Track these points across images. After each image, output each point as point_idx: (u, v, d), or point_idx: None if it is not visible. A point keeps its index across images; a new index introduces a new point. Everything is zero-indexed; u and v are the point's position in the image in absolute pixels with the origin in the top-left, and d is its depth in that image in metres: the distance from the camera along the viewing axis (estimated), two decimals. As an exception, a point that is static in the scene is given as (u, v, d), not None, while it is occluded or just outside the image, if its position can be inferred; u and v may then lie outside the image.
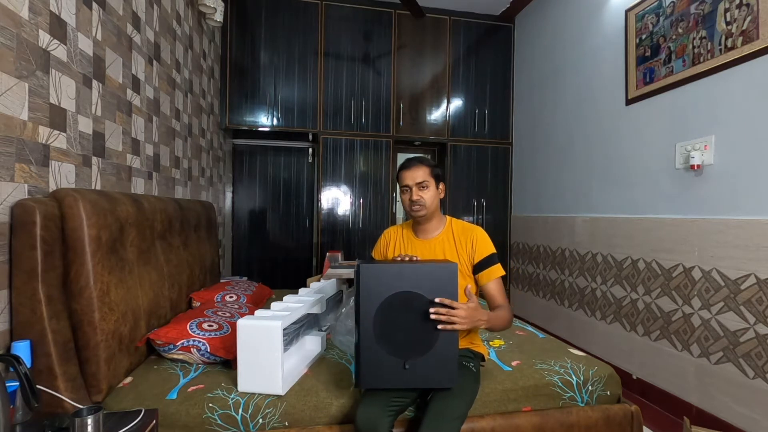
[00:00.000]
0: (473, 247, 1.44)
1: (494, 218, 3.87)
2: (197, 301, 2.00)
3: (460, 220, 1.54)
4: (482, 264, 1.43)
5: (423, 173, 1.44)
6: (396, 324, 1.18)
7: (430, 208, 1.45)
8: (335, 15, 3.55)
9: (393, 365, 1.19)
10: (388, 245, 1.58)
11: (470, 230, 1.48)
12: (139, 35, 1.84)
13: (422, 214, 1.45)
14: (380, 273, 1.20)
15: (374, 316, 1.18)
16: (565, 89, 3.13)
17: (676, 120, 2.13)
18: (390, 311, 1.18)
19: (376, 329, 1.18)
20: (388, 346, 1.18)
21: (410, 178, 1.44)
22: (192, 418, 1.22)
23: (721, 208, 1.89)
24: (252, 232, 3.86)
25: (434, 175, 1.46)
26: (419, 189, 1.43)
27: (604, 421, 1.44)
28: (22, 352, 1.03)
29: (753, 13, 1.74)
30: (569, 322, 3.00)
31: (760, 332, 1.69)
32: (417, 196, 1.43)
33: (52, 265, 1.14)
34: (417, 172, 1.44)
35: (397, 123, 3.65)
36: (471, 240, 1.45)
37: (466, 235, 1.47)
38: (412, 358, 1.18)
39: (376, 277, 1.19)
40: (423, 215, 1.46)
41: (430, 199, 1.44)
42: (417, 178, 1.43)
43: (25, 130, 1.14)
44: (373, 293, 1.18)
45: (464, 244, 1.46)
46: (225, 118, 3.39)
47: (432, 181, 1.45)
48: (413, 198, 1.43)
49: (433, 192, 1.45)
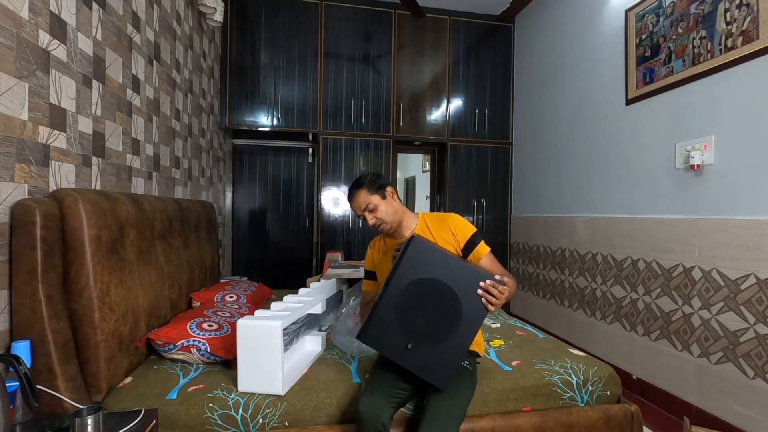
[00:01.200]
0: (454, 233, 1.44)
1: (494, 218, 3.87)
2: (197, 301, 2.00)
3: (432, 213, 1.54)
4: (468, 246, 1.43)
5: (363, 197, 1.43)
6: (420, 305, 1.19)
7: (391, 219, 1.45)
8: (335, 15, 3.55)
9: (398, 339, 1.20)
10: (375, 254, 1.60)
11: (444, 219, 1.48)
12: (139, 35, 1.84)
13: (388, 229, 1.47)
14: (429, 252, 1.21)
15: (404, 288, 1.19)
16: (565, 89, 3.13)
17: (676, 120, 2.13)
18: (421, 291, 1.19)
19: (401, 300, 1.19)
20: (403, 320, 1.19)
21: (356, 208, 1.46)
22: (192, 418, 1.22)
23: (721, 208, 1.89)
24: (252, 232, 3.86)
25: (375, 189, 1.44)
26: (369, 213, 1.43)
27: (604, 421, 1.44)
28: (22, 352, 1.03)
29: (753, 13, 1.74)
30: (569, 322, 3.00)
31: (760, 332, 1.69)
32: (372, 219, 1.44)
33: (52, 265, 1.14)
34: (358, 199, 1.44)
35: (397, 123, 3.65)
36: (449, 228, 1.45)
37: (442, 225, 1.47)
38: (418, 343, 1.19)
39: (424, 252, 1.20)
40: (389, 230, 1.47)
41: (385, 214, 1.44)
42: (361, 205, 1.44)
43: (25, 130, 1.14)
44: (416, 267, 1.19)
45: (443, 234, 1.45)
46: (225, 118, 3.39)
47: (376, 197, 1.44)
48: (371, 223, 1.45)
49: (384, 206, 1.44)
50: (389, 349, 1.22)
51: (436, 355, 1.19)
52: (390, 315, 1.20)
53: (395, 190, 1.51)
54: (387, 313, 1.20)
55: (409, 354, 1.19)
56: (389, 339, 1.21)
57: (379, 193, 1.44)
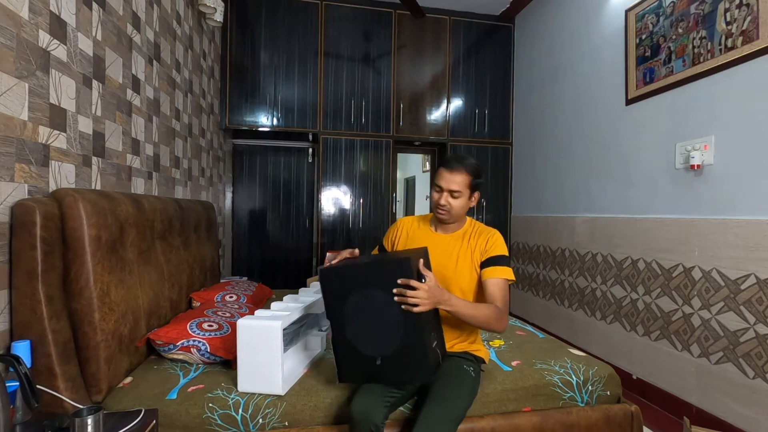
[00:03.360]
0: (487, 245, 1.40)
1: (494, 218, 3.87)
2: (197, 301, 2.00)
3: (481, 224, 1.49)
4: (490, 261, 1.38)
5: (460, 181, 1.36)
6: (363, 322, 1.20)
7: (456, 215, 1.41)
8: (335, 15, 3.55)
9: (368, 362, 1.21)
10: (399, 234, 1.54)
11: (489, 232, 1.44)
12: (139, 35, 1.84)
13: (445, 218, 1.42)
14: (337, 274, 1.22)
15: (342, 317, 1.21)
16: (565, 89, 3.13)
17: (676, 120, 2.13)
18: (355, 310, 1.20)
19: (346, 329, 1.21)
20: (360, 344, 1.21)
21: (445, 182, 1.36)
22: (192, 418, 1.22)
23: (721, 208, 1.89)
24: (252, 232, 3.86)
25: (472, 185, 1.39)
26: (450, 196, 1.37)
27: (604, 421, 1.44)
28: (22, 352, 1.03)
29: (753, 13, 1.74)
30: (569, 322, 3.00)
31: (760, 332, 1.69)
32: (445, 202, 1.38)
33: (52, 265, 1.14)
34: (455, 178, 1.36)
35: (397, 123, 3.65)
36: (487, 239, 1.41)
37: (483, 235, 1.43)
38: (383, 354, 1.20)
39: (333, 276, 1.22)
40: (445, 220, 1.43)
41: (458, 208, 1.38)
42: (452, 185, 1.36)
43: (25, 130, 1.14)
44: (336, 294, 1.22)
45: (479, 243, 1.41)
46: (225, 118, 3.39)
47: (467, 192, 1.38)
48: (441, 202, 1.38)
49: (463, 202, 1.38)
50: (370, 376, 1.23)
51: (402, 355, 1.18)
52: (347, 347, 1.22)
53: (480, 199, 1.45)
54: (344, 347, 1.22)
55: (385, 369, 1.20)
56: (362, 367, 1.22)
57: (471, 191, 1.40)
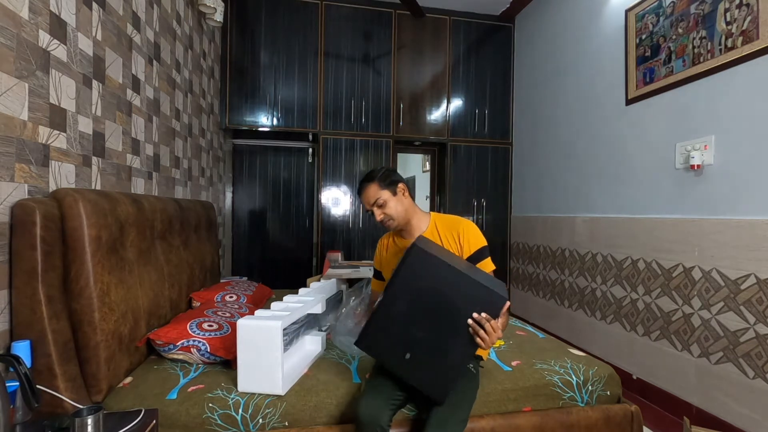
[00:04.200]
0: (460, 241, 1.41)
1: (494, 218, 3.87)
2: (197, 301, 2.00)
3: (445, 215, 1.51)
4: (472, 258, 1.39)
5: (373, 191, 1.42)
6: (419, 315, 1.14)
7: (399, 217, 1.44)
8: (335, 15, 3.55)
9: (396, 349, 1.16)
10: (382, 253, 1.59)
11: (456, 224, 1.45)
12: (139, 35, 1.84)
13: (395, 226, 1.46)
14: (431, 259, 1.14)
15: (404, 297, 1.14)
16: (565, 89, 3.13)
17: (676, 120, 2.13)
18: (422, 301, 1.14)
19: (400, 309, 1.15)
20: (401, 330, 1.15)
21: (366, 202, 1.45)
22: (192, 418, 1.22)
23: (721, 208, 1.89)
24: (252, 232, 3.86)
25: (387, 185, 1.43)
26: (378, 208, 1.43)
27: (604, 421, 1.44)
28: (22, 352, 1.03)
29: (753, 13, 1.74)
30: (569, 322, 3.00)
31: (760, 332, 1.69)
32: (380, 215, 1.43)
33: (52, 265, 1.14)
34: (368, 193, 1.43)
35: (397, 123, 3.65)
36: (458, 234, 1.42)
37: (451, 230, 1.44)
38: (416, 354, 1.16)
39: (427, 259, 1.14)
40: (395, 226, 1.47)
41: (395, 210, 1.43)
42: (370, 199, 1.42)
43: (25, 130, 1.14)
44: (417, 274, 1.13)
45: (450, 240, 1.43)
46: (225, 118, 3.39)
47: (386, 192, 1.42)
48: (378, 219, 1.44)
49: (393, 202, 1.43)
50: (387, 359, 1.20)
51: (433, 367, 1.15)
52: (388, 324, 1.16)
53: (407, 188, 1.48)
54: (385, 322, 1.16)
55: (407, 364, 1.16)
56: (387, 348, 1.18)
57: (390, 189, 1.43)
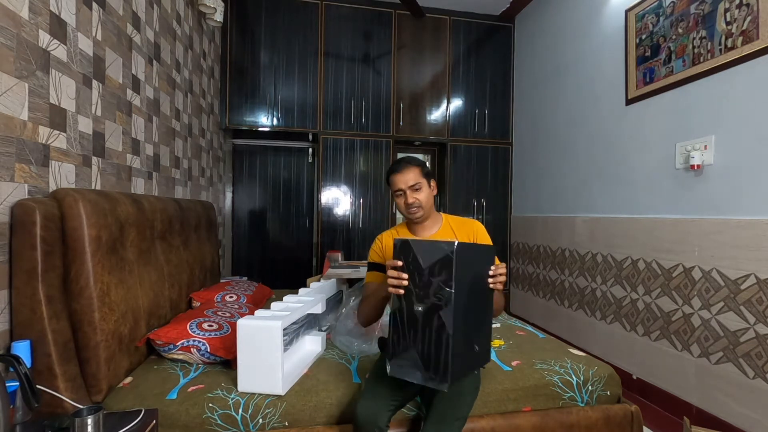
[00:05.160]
0: (474, 239, 1.46)
1: (494, 218, 3.87)
2: (197, 301, 2.00)
3: (455, 216, 1.54)
4: None
5: (414, 175, 1.41)
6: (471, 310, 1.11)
7: (426, 208, 1.44)
8: (335, 15, 3.55)
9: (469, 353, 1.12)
10: (384, 247, 1.56)
11: (469, 224, 1.49)
12: (139, 35, 1.84)
13: (420, 215, 1.44)
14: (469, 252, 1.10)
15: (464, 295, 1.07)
16: (565, 89, 3.13)
17: (676, 120, 2.13)
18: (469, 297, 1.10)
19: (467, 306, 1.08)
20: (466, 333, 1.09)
21: (402, 182, 1.41)
22: (192, 418, 1.22)
23: (721, 208, 1.89)
24: (252, 232, 3.86)
25: (425, 174, 1.44)
26: (413, 191, 1.41)
27: (604, 421, 1.44)
28: (22, 352, 1.03)
29: (753, 13, 1.74)
30: (569, 322, 3.00)
31: (760, 332, 1.69)
32: (412, 199, 1.41)
33: (52, 265, 1.14)
34: (408, 174, 1.41)
35: (397, 123, 3.65)
36: (472, 233, 1.46)
37: (465, 229, 1.48)
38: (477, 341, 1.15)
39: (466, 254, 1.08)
40: (420, 216, 1.45)
41: (426, 200, 1.42)
42: (409, 181, 1.41)
43: (25, 130, 1.14)
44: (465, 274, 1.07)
45: (464, 238, 1.46)
46: (225, 118, 3.39)
47: (424, 181, 1.43)
48: (408, 201, 1.41)
49: (426, 192, 1.43)
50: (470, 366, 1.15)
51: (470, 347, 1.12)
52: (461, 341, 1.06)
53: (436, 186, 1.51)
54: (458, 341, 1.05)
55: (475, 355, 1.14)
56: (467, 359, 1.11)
57: (426, 179, 1.44)
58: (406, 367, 1.09)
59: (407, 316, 1.09)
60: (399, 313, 1.10)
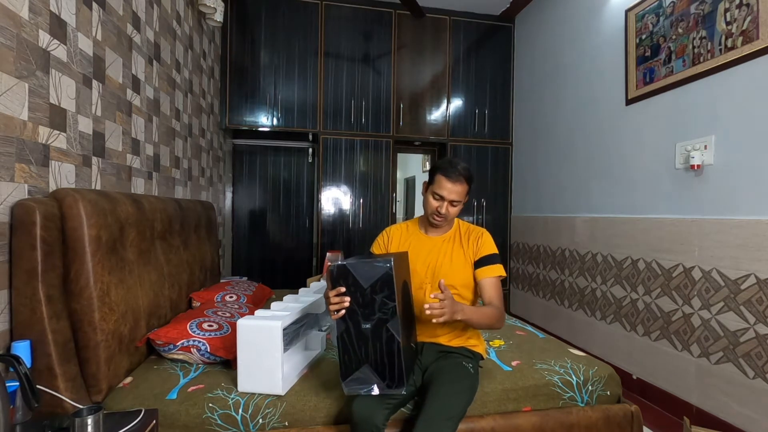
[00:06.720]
0: (478, 244, 1.47)
1: (494, 218, 3.87)
2: (197, 301, 2.00)
3: (467, 222, 1.57)
4: (482, 261, 1.44)
5: (461, 192, 1.39)
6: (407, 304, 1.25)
7: (451, 221, 1.50)
8: (335, 15, 3.55)
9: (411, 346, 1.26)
10: (390, 242, 1.56)
11: (477, 231, 1.51)
12: (139, 35, 1.84)
13: (442, 225, 1.47)
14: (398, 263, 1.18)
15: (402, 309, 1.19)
16: (565, 89, 3.13)
17: (676, 120, 2.13)
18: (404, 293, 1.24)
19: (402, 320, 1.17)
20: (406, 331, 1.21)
21: (447, 192, 1.38)
22: (192, 418, 1.22)
23: (721, 208, 1.89)
24: (252, 232, 3.86)
25: (468, 193, 1.44)
26: (451, 205, 1.41)
27: (604, 421, 1.44)
28: (22, 352, 1.03)
29: (753, 13, 1.74)
30: (569, 322, 3.00)
31: (760, 332, 1.69)
32: (446, 211, 1.41)
33: (52, 265, 1.14)
34: (458, 187, 1.39)
35: (397, 123, 3.65)
36: (477, 239, 1.48)
37: (472, 235, 1.50)
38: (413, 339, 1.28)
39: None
40: (441, 226, 1.48)
41: (454, 214, 1.45)
42: (454, 195, 1.39)
43: (25, 130, 1.13)
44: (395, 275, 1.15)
45: (470, 243, 1.48)
46: (225, 118, 3.39)
47: (464, 199, 1.44)
48: (442, 212, 1.40)
49: (460, 209, 1.44)
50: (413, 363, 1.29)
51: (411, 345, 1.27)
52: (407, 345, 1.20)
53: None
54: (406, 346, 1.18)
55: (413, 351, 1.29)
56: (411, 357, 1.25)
57: (466, 198, 1.45)
58: (361, 383, 1.16)
59: (355, 335, 1.15)
60: (347, 335, 1.16)
